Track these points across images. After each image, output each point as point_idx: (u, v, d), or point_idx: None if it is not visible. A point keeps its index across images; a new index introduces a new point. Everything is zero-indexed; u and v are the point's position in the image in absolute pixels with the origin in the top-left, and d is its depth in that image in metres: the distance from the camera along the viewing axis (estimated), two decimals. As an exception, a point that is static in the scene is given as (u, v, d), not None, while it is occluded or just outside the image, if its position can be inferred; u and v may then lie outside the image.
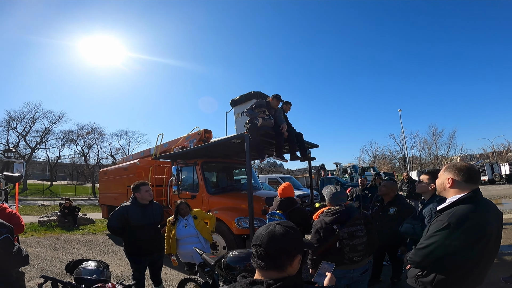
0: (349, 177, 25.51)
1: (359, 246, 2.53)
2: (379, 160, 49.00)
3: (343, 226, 2.53)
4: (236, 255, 2.14)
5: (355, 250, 2.52)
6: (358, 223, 2.59)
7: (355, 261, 2.54)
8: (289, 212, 3.55)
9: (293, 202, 3.69)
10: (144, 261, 3.80)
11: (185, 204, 4.17)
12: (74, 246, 7.61)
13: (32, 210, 15.71)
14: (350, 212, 2.61)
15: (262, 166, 51.09)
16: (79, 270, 2.39)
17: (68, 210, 11.22)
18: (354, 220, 2.58)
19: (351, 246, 2.51)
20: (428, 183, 3.03)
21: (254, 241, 1.12)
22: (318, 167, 23.18)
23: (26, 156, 35.52)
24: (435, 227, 1.79)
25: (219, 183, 7.55)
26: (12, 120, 34.06)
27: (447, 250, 1.71)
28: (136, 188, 3.79)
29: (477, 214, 1.69)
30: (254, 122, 5.16)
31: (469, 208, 1.71)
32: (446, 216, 1.75)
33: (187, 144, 7.59)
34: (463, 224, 1.68)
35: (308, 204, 7.68)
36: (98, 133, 40.08)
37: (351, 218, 2.57)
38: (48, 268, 5.58)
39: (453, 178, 1.83)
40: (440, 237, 1.72)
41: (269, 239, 1.08)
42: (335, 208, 2.64)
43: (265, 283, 1.04)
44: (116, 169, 10.21)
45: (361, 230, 2.58)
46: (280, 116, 5.63)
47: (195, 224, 4.03)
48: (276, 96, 5.60)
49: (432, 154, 45.72)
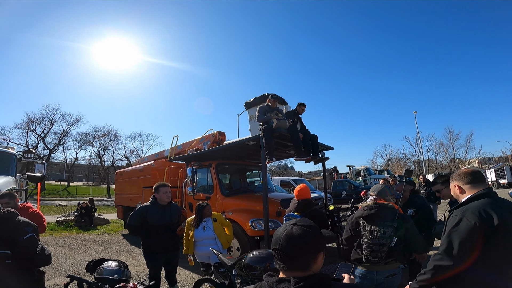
0: (362, 180, 25.15)
1: (375, 246, 2.44)
2: (393, 163, 48.13)
3: (369, 223, 2.50)
4: (256, 256, 2.14)
5: (370, 249, 2.45)
6: (387, 224, 2.48)
7: (371, 261, 2.46)
8: (306, 214, 3.52)
9: (310, 204, 3.67)
10: (160, 260, 3.87)
11: (209, 206, 4.20)
12: (90, 246, 7.77)
13: (50, 210, 16.17)
14: (382, 211, 2.52)
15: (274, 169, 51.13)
16: (100, 269, 2.43)
17: (85, 210, 11.48)
18: (383, 220, 2.49)
19: (367, 245, 2.46)
20: (445, 186, 3.02)
21: (274, 245, 1.10)
22: (330, 170, 22.94)
23: (44, 157, 36.58)
24: (450, 224, 1.79)
25: (233, 184, 7.57)
26: (32, 122, 35.06)
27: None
28: (156, 189, 3.90)
29: (490, 206, 1.71)
30: (269, 124, 5.17)
31: (481, 202, 1.76)
32: (459, 211, 1.78)
33: (201, 146, 7.65)
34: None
35: (322, 207, 7.60)
36: (113, 135, 40.88)
37: (379, 217, 2.50)
38: (66, 267, 5.71)
39: (458, 185, 1.94)
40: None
41: (288, 241, 1.07)
42: (366, 204, 2.61)
43: (292, 281, 1.03)
44: (132, 171, 10.39)
45: (387, 231, 2.47)
46: (284, 116, 5.66)
47: (214, 227, 4.04)
48: (273, 96, 5.68)
49: (449, 157, 44.61)
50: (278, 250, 1.08)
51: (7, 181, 5.76)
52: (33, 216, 3.62)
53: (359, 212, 2.60)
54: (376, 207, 2.52)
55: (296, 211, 3.59)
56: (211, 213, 4.18)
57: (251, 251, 2.25)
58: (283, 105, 6.83)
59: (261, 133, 5.17)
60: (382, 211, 2.51)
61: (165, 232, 3.83)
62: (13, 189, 5.59)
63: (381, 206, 2.54)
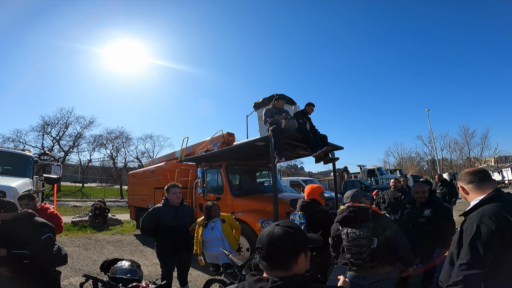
0: (374, 180, 24.84)
1: (354, 248, 2.41)
2: (406, 162, 47.32)
3: (346, 226, 2.52)
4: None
5: (350, 251, 2.44)
6: (363, 225, 2.44)
7: (355, 263, 2.43)
8: (311, 213, 3.47)
9: (316, 204, 3.59)
10: (173, 261, 3.92)
11: (217, 206, 4.24)
12: (104, 246, 7.94)
13: (66, 210, 16.57)
14: (354, 213, 2.51)
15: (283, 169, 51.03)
16: (114, 269, 2.51)
17: (99, 211, 11.74)
18: (359, 221, 2.47)
19: (347, 247, 2.47)
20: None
21: (257, 244, 1.14)
22: (341, 170, 22.71)
23: (60, 159, 37.49)
24: (469, 232, 1.71)
25: (243, 185, 7.62)
26: (47, 125, 35.96)
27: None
28: (167, 190, 3.97)
29: (505, 209, 1.67)
30: (278, 124, 5.19)
31: (495, 205, 1.71)
32: (475, 217, 1.72)
33: (211, 147, 7.73)
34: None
35: (332, 207, 7.56)
36: (125, 137, 41.56)
37: (354, 219, 2.49)
38: (81, 267, 5.85)
39: (461, 185, 1.93)
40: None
41: (269, 241, 1.10)
42: (342, 208, 2.63)
43: (270, 280, 1.06)
44: (144, 172, 10.56)
45: (362, 232, 2.42)
46: (291, 117, 5.67)
47: (222, 228, 4.07)
48: (279, 96, 5.71)
49: (464, 156, 43.55)
50: (260, 249, 1.12)
51: (25, 182, 5.95)
52: (52, 217, 3.73)
53: (337, 218, 2.63)
54: (349, 209, 2.54)
55: (301, 210, 3.55)
56: (219, 213, 4.21)
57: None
58: (292, 105, 6.83)
59: (270, 134, 5.19)
60: (355, 213, 2.51)
61: (179, 233, 3.87)
62: (30, 190, 5.77)
63: (354, 209, 2.53)
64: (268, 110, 5.59)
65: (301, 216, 3.50)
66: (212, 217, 4.15)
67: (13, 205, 2.98)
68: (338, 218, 2.59)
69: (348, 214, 2.51)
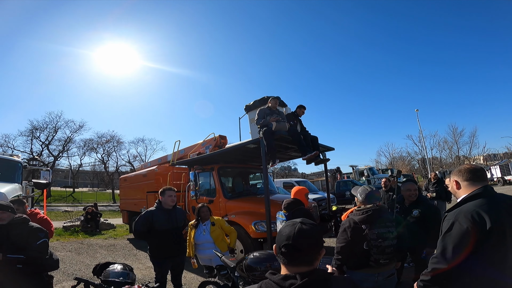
0: (366, 180, 25.11)
1: (387, 248, 2.45)
2: (397, 161, 47.90)
3: (373, 227, 2.46)
4: (257, 257, 2.20)
5: (383, 252, 2.43)
6: (389, 225, 2.52)
7: (381, 264, 2.45)
8: (293, 212, 3.77)
9: (297, 203, 3.96)
10: (167, 265, 3.92)
11: (206, 207, 4.25)
12: (97, 250, 7.87)
13: (56, 215, 16.34)
14: (382, 213, 2.53)
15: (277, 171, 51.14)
16: (106, 272, 2.51)
17: (91, 216, 11.61)
18: (385, 222, 2.51)
19: (378, 248, 2.42)
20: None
21: (285, 241, 1.15)
22: (333, 170, 22.94)
23: (49, 164, 36.88)
24: (444, 227, 1.80)
25: (236, 187, 7.64)
26: (36, 130, 35.33)
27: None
28: (162, 192, 3.98)
29: (484, 208, 1.68)
30: (269, 126, 5.24)
31: (475, 203, 1.73)
32: (453, 214, 1.77)
33: (203, 150, 7.74)
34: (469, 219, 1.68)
35: (325, 208, 7.64)
36: (116, 141, 41.13)
37: (382, 219, 2.50)
38: (73, 271, 5.80)
39: (456, 180, 1.92)
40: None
41: (302, 236, 1.14)
42: (366, 207, 2.56)
43: (299, 276, 1.09)
44: (136, 176, 10.50)
45: (392, 232, 2.50)
46: (283, 118, 5.72)
47: (211, 231, 4.08)
48: (274, 98, 5.75)
49: (453, 154, 44.33)
50: (290, 246, 1.13)
51: (14, 188, 5.88)
52: (42, 221, 3.71)
53: (357, 217, 2.54)
54: (376, 209, 2.52)
55: (284, 209, 3.91)
56: (209, 215, 4.22)
57: (252, 252, 2.31)
58: (283, 107, 6.89)
59: (261, 136, 5.24)
60: (383, 212, 2.54)
61: (172, 236, 3.87)
62: (20, 196, 5.71)
63: (380, 208, 2.55)
64: (262, 111, 5.63)
65: (283, 214, 3.88)
66: (203, 219, 4.17)
67: (11, 207, 2.99)
68: (364, 218, 2.49)
69: (376, 214, 2.49)
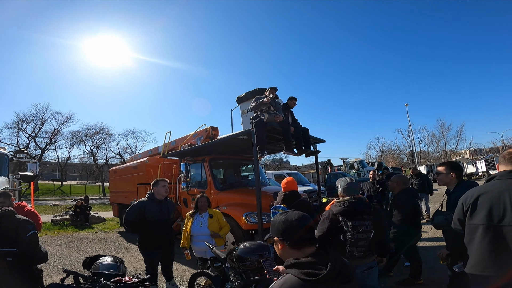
0: (356, 172, 25.42)
1: (361, 241, 2.46)
2: (387, 155, 48.70)
3: (350, 219, 2.47)
4: (247, 247, 2.20)
5: (356, 244, 2.46)
6: (366, 218, 2.52)
7: (355, 256, 2.47)
8: (293, 205, 3.60)
9: (296, 196, 3.78)
10: (157, 256, 3.92)
11: (205, 198, 4.23)
12: (87, 244, 7.80)
13: (45, 209, 16.06)
14: (359, 205, 2.54)
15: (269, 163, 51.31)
16: (96, 265, 2.49)
17: (80, 209, 11.47)
18: (362, 214, 2.51)
19: (352, 240, 2.45)
20: (447, 172, 3.04)
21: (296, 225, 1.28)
22: (324, 163, 23.10)
23: (36, 157, 36.14)
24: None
25: (227, 179, 7.63)
26: (22, 122, 34.52)
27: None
28: (155, 183, 3.99)
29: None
30: (261, 118, 5.21)
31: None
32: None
33: (194, 142, 7.68)
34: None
35: (315, 200, 7.71)
36: (106, 133, 40.53)
37: (359, 211, 2.51)
38: (63, 265, 5.74)
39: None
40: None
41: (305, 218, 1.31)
42: (343, 199, 2.59)
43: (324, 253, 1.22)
44: (126, 168, 10.37)
45: (367, 225, 2.50)
46: (279, 109, 5.62)
47: (209, 223, 4.07)
48: (272, 88, 5.63)
49: (440, 149, 45.23)
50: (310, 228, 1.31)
51: (0, 181, 5.75)
52: (29, 214, 3.63)
53: (336, 208, 2.57)
54: (353, 201, 2.54)
55: (283, 203, 3.69)
56: (206, 207, 4.20)
57: (242, 243, 2.31)
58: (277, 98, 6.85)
59: (253, 127, 5.21)
60: (360, 205, 2.54)
61: (162, 227, 3.90)
62: (7, 189, 5.57)
63: (357, 201, 2.56)
64: (258, 98, 5.52)
65: (284, 209, 3.61)
66: (201, 210, 4.16)
67: None
68: (342, 210, 2.52)
69: (354, 207, 2.51)
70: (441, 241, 6.11)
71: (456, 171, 3.01)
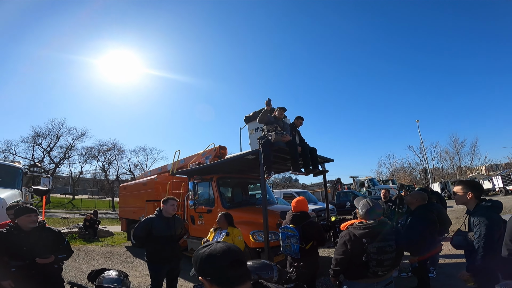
0: (366, 191, 25.02)
1: (386, 261, 2.50)
2: (399, 172, 47.73)
3: (373, 241, 2.50)
4: (249, 265, 2.21)
5: (381, 265, 2.49)
6: (389, 238, 2.56)
7: (379, 275, 2.52)
8: (302, 226, 3.57)
9: (306, 216, 3.71)
10: (163, 271, 3.99)
11: (222, 216, 4.29)
12: (94, 257, 7.85)
13: (55, 222, 16.28)
14: (383, 228, 2.58)
15: (277, 181, 50.98)
16: (101, 278, 2.54)
17: (89, 223, 11.61)
18: (385, 235, 2.55)
19: (378, 261, 2.47)
20: (465, 192, 2.89)
21: (222, 261, 1.09)
22: (334, 181, 22.85)
23: (50, 171, 36.94)
24: None
25: (235, 198, 7.66)
26: (38, 136, 35.60)
27: None
28: (165, 201, 4.11)
29: None
30: (268, 138, 5.29)
31: None
32: None
33: (203, 160, 7.80)
34: None
35: (324, 218, 7.64)
36: (118, 149, 41.29)
37: (382, 233, 2.54)
38: (69, 277, 5.78)
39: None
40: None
41: (233, 252, 1.12)
42: (367, 223, 2.61)
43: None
44: (136, 184, 10.55)
45: (391, 245, 2.55)
46: (287, 129, 5.70)
47: (223, 240, 4.03)
48: (281, 108, 5.73)
49: (455, 165, 44.18)
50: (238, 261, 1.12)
51: (13, 194, 5.95)
52: None
53: (358, 231, 2.58)
54: (377, 225, 2.57)
55: (292, 223, 3.63)
56: (225, 224, 4.24)
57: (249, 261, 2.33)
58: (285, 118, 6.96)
59: (260, 147, 5.29)
60: (383, 227, 2.58)
61: (169, 243, 4.00)
62: (19, 201, 5.76)
63: (382, 223, 2.60)
64: (267, 116, 5.60)
65: (292, 229, 3.58)
66: (221, 227, 4.26)
67: (36, 210, 3.23)
68: (365, 232, 2.54)
69: (378, 229, 2.55)
70: (455, 258, 6.02)
71: (473, 191, 2.84)
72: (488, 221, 2.51)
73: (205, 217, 6.72)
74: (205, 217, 6.74)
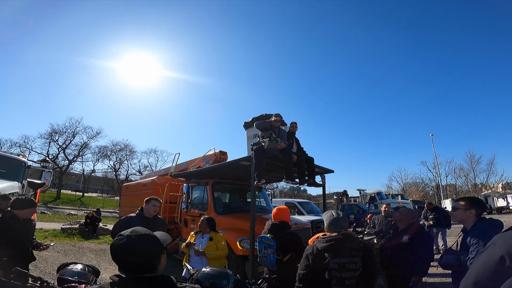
0: (373, 204, 24.42)
1: (348, 280, 2.31)
2: (410, 187, 46.47)
3: (336, 256, 2.34)
4: (206, 272, 2.15)
5: (342, 284, 2.30)
6: (355, 255, 2.37)
7: None
8: (280, 236, 3.40)
9: (286, 227, 3.54)
10: None
11: (205, 220, 4.22)
12: (85, 254, 7.90)
13: (60, 217, 16.57)
14: (347, 242, 2.40)
15: (285, 191, 50.55)
16: (64, 270, 2.51)
17: (90, 220, 11.75)
18: (350, 251, 2.37)
19: (338, 279, 2.30)
20: (466, 208, 2.74)
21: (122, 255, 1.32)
22: (340, 193, 22.49)
23: (63, 168, 37.86)
24: None
25: (231, 204, 7.59)
26: (55, 133, 36.73)
27: None
28: (147, 201, 4.12)
29: None
30: (261, 144, 5.23)
31: None
32: None
33: (203, 165, 7.82)
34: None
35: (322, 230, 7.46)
36: (129, 150, 42.18)
37: (347, 248, 2.37)
38: (51, 271, 5.84)
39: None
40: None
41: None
42: (331, 235, 2.45)
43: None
44: (137, 185, 10.67)
45: (356, 263, 2.35)
46: (283, 137, 5.61)
47: (206, 245, 3.99)
48: (276, 115, 5.70)
49: (469, 182, 42.71)
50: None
51: (11, 185, 6.09)
52: None
53: (321, 244, 2.42)
54: (340, 238, 2.40)
55: (270, 233, 3.45)
56: (207, 229, 4.16)
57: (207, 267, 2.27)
58: (282, 126, 6.90)
59: (252, 154, 5.23)
60: (348, 241, 2.41)
61: None
62: (16, 193, 5.88)
63: (344, 237, 2.42)
64: (264, 123, 5.57)
65: (270, 239, 3.41)
66: (202, 231, 4.18)
67: (33, 202, 3.34)
68: (327, 246, 2.38)
69: (341, 243, 2.39)
70: (439, 277, 5.82)
71: (477, 208, 2.69)
72: (488, 241, 2.35)
73: (198, 221, 6.63)
74: (197, 221, 6.65)
